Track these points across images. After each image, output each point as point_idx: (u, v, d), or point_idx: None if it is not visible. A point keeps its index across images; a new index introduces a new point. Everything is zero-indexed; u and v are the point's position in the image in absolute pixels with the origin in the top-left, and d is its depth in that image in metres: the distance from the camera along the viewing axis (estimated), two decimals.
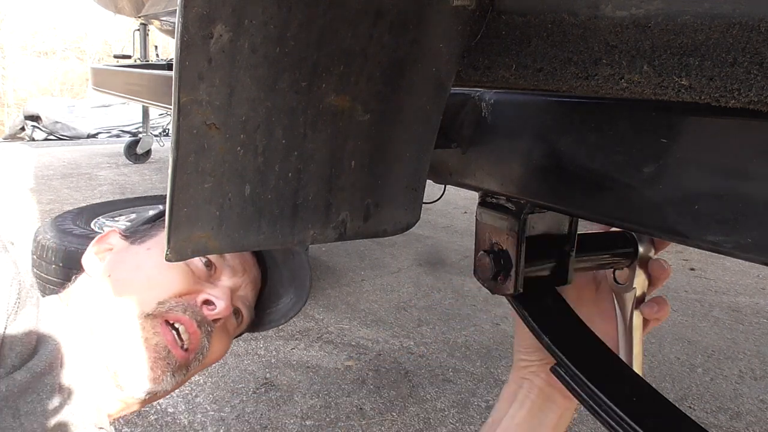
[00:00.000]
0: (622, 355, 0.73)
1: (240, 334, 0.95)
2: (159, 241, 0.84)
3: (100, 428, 0.73)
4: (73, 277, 0.86)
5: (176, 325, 0.79)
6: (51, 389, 0.64)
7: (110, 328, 0.77)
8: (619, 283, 0.74)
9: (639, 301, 0.73)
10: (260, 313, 0.97)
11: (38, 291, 0.69)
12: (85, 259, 0.85)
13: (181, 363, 0.79)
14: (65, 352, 0.71)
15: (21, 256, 2.86)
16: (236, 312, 0.89)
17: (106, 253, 0.86)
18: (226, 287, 0.85)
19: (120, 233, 0.90)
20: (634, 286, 0.72)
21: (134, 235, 0.88)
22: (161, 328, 0.77)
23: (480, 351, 2.35)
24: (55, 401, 0.64)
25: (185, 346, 0.79)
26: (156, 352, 0.76)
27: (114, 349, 0.76)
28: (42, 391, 0.63)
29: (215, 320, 0.83)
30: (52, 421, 0.64)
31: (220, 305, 0.81)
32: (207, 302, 0.82)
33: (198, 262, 0.83)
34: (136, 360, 0.76)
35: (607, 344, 0.68)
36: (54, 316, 0.76)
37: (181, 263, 0.82)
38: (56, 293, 0.84)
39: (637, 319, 0.73)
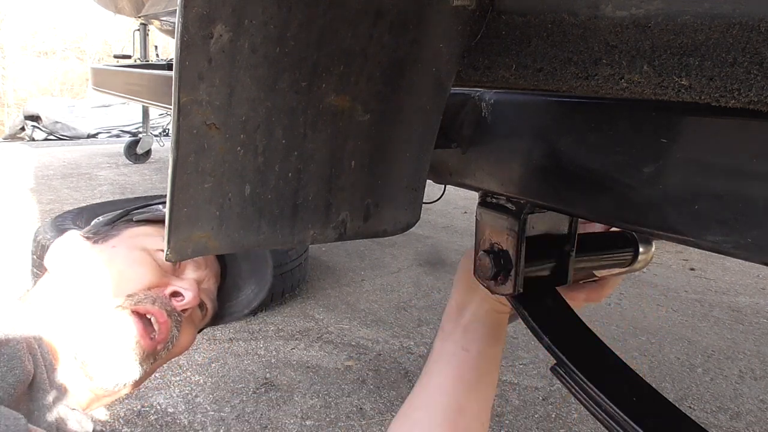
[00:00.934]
0: None
1: (204, 327, 0.97)
2: (123, 239, 0.87)
3: (73, 409, 0.74)
4: (34, 280, 0.88)
5: (147, 316, 0.81)
6: (9, 358, 0.65)
7: (79, 321, 0.78)
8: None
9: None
10: (221, 305, 1.00)
11: None
12: (48, 260, 0.87)
13: (149, 352, 0.80)
14: (28, 346, 0.71)
15: (12, 255, 2.86)
16: (201, 305, 0.92)
17: (68, 252, 0.87)
18: (192, 279, 0.88)
19: (81, 235, 0.92)
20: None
21: (96, 235, 0.90)
22: (132, 317, 0.79)
23: None
24: (16, 370, 0.65)
25: (154, 336, 0.81)
26: (125, 342, 0.78)
27: (83, 341, 0.77)
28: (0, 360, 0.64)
29: (183, 310, 0.86)
30: (18, 390, 0.65)
31: (188, 296, 0.84)
32: (175, 294, 0.85)
33: (162, 256, 0.85)
34: (104, 351, 0.77)
35: None
36: (12, 316, 0.77)
37: (147, 258, 0.85)
38: (20, 298, 0.86)
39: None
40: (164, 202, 1.05)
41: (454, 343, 0.75)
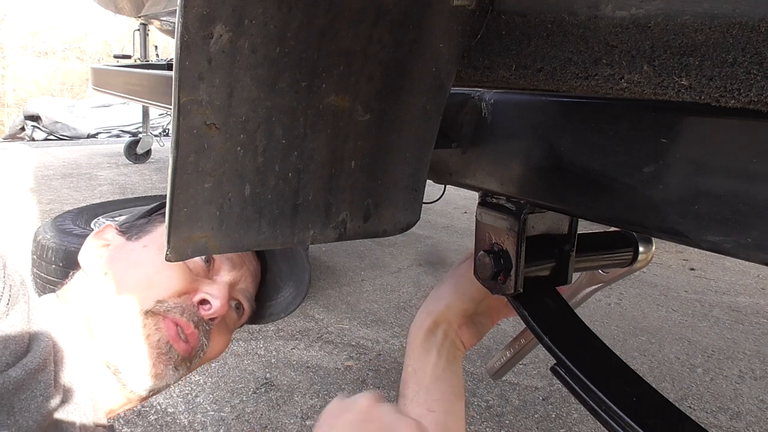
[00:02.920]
0: None
1: (242, 326, 0.95)
2: (155, 238, 0.84)
3: (98, 425, 0.73)
4: (71, 275, 0.86)
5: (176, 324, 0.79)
6: (46, 386, 0.64)
7: (110, 326, 0.77)
8: (603, 272, 0.77)
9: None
10: (260, 305, 0.97)
11: (29, 288, 0.69)
12: (82, 256, 0.85)
13: (183, 356, 0.79)
14: (61, 349, 0.70)
15: (15, 255, 2.86)
16: (237, 305, 0.90)
17: (102, 249, 0.86)
18: (224, 283, 0.85)
19: (116, 229, 0.89)
20: (606, 281, 0.78)
21: (130, 230, 0.88)
22: (163, 324, 0.78)
23: (480, 351, 2.35)
24: (51, 398, 0.64)
25: (186, 340, 0.80)
26: (158, 348, 0.77)
27: (115, 347, 0.76)
28: (36, 389, 0.63)
29: (212, 319, 0.83)
30: (48, 419, 0.64)
31: (216, 305, 0.82)
32: (203, 302, 0.82)
33: (197, 257, 0.84)
34: (138, 357, 0.76)
35: None
36: (49, 313, 0.76)
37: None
38: (54, 292, 0.84)
39: (581, 298, 0.82)
40: None
41: (418, 406, 0.77)
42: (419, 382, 0.79)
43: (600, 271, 0.77)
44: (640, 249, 0.73)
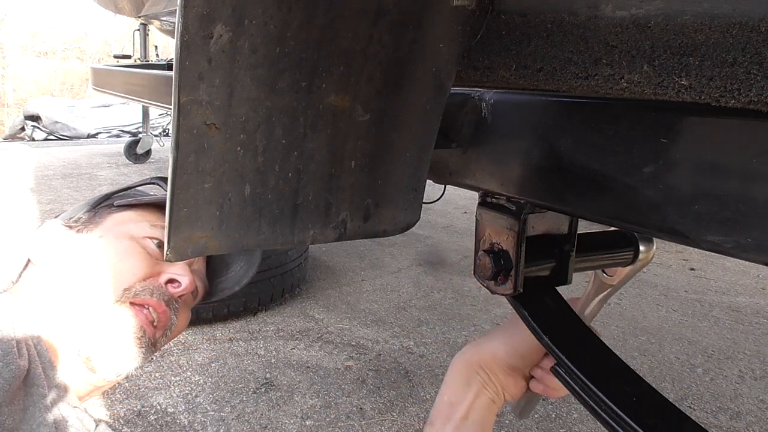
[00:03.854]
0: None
1: (195, 305, 0.99)
2: (109, 228, 0.86)
3: (74, 407, 0.74)
4: (19, 272, 0.86)
5: (146, 306, 0.81)
6: (5, 353, 0.65)
7: (79, 317, 0.78)
8: (607, 275, 0.77)
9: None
10: (211, 282, 1.01)
11: None
12: (32, 253, 0.85)
13: (151, 340, 0.82)
14: (23, 339, 0.71)
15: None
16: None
17: (54, 244, 0.86)
18: (183, 264, 0.88)
19: (63, 223, 0.90)
20: (615, 283, 0.77)
21: (77, 223, 0.89)
22: (133, 310, 0.80)
23: None
24: (12, 365, 0.65)
25: (155, 323, 0.82)
26: (134, 334, 0.79)
27: (85, 337, 0.77)
28: None
29: (180, 296, 0.86)
30: (14, 383, 0.65)
31: (185, 282, 0.85)
32: (171, 281, 0.85)
33: (150, 243, 0.86)
34: (109, 344, 0.78)
35: None
36: (7, 307, 0.76)
37: (137, 247, 0.84)
38: (6, 291, 0.85)
39: (598, 306, 0.78)
40: (141, 185, 1.05)
41: None
42: (450, 416, 0.78)
43: (604, 273, 0.76)
44: (641, 248, 0.73)
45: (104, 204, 0.93)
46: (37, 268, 0.84)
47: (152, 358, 0.86)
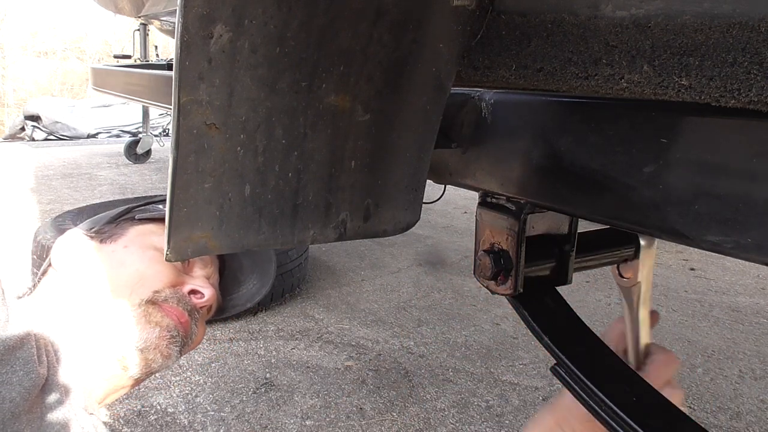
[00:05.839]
0: (631, 351, 0.73)
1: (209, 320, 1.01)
2: (133, 239, 0.89)
3: (91, 414, 0.74)
4: (39, 277, 0.87)
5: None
6: (25, 362, 0.66)
7: (110, 318, 0.79)
8: (624, 278, 0.74)
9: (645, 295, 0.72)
10: (223, 299, 1.03)
11: (4, 291, 0.70)
12: (55, 259, 0.87)
13: (185, 336, 0.84)
14: (44, 340, 0.71)
15: (14, 255, 2.86)
16: None
17: (78, 252, 0.88)
18: (203, 277, 0.91)
19: (85, 233, 0.92)
20: (639, 280, 0.72)
21: (101, 234, 0.91)
22: (165, 311, 0.82)
23: (480, 351, 2.35)
24: (32, 373, 0.66)
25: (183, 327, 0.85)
26: (168, 331, 0.82)
27: (119, 334, 0.79)
28: (16, 363, 0.65)
29: (201, 307, 0.89)
30: (33, 392, 0.65)
31: (207, 293, 0.88)
32: (194, 292, 0.87)
33: None
34: (149, 340, 0.80)
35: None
36: (27, 313, 0.77)
37: (162, 257, 0.86)
38: (24, 297, 0.86)
39: (643, 311, 0.73)
40: (164, 201, 1.06)
41: None
42: None
43: (622, 277, 0.74)
44: (642, 243, 0.72)
45: (125, 217, 0.96)
46: (60, 275, 0.86)
47: (171, 365, 0.88)
